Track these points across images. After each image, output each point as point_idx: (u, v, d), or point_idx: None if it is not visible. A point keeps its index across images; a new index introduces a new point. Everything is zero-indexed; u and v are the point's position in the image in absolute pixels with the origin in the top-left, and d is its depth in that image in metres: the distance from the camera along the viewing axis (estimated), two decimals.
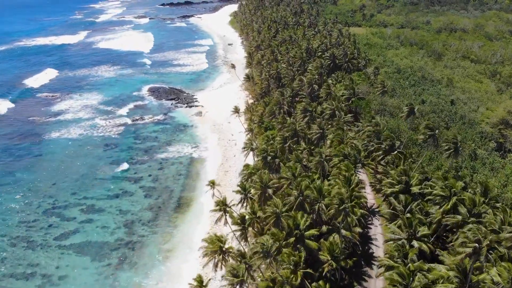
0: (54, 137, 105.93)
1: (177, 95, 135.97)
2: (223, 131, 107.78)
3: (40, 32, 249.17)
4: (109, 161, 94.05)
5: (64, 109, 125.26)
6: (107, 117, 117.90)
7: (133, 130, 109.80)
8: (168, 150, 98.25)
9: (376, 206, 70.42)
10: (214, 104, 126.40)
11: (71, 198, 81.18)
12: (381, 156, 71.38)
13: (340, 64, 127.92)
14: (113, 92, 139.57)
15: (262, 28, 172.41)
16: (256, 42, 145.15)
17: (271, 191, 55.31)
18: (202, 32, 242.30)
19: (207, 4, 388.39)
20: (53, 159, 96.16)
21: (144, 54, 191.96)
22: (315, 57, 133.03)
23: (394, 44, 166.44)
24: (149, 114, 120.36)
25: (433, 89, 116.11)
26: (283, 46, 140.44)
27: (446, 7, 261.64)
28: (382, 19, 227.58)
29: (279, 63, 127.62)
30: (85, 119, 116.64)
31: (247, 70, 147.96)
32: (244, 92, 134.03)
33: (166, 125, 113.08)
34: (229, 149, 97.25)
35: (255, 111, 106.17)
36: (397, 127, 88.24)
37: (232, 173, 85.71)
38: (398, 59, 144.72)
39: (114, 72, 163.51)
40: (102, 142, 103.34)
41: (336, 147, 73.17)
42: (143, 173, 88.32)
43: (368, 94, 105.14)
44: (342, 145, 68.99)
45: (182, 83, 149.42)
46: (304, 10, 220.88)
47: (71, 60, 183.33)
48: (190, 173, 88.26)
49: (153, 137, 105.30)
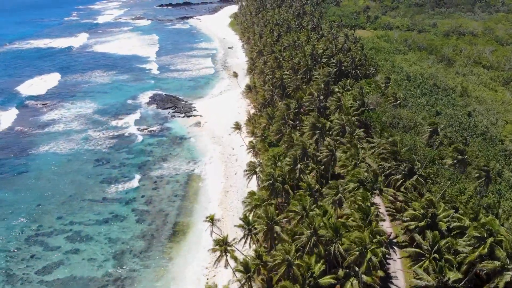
0: (42, 152, 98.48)
1: (174, 104, 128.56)
2: (223, 144, 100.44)
3: (34, 34, 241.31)
4: (99, 179, 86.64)
5: (54, 119, 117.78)
6: (99, 129, 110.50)
7: (126, 143, 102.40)
8: (164, 166, 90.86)
9: (393, 235, 63.15)
10: (214, 114, 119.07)
11: (56, 223, 73.85)
12: (400, 181, 64.17)
13: (347, 71, 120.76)
14: (107, 100, 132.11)
15: (264, 31, 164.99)
16: (258, 47, 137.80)
17: (279, 228, 48.00)
18: (201, 35, 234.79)
19: (206, 5, 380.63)
20: (39, 176, 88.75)
21: (141, 58, 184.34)
22: (320, 63, 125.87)
23: (402, 49, 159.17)
24: (144, 124, 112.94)
25: (447, 99, 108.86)
26: (286, 52, 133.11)
27: (452, 9, 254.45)
28: (387, 21, 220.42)
29: (283, 70, 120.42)
30: (76, 131, 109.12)
31: (249, 77, 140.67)
32: (245, 100, 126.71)
33: (162, 137, 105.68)
34: (229, 165, 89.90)
35: (257, 123, 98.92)
36: (413, 144, 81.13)
37: (233, 194, 78.41)
38: (407, 65, 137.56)
39: (109, 77, 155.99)
40: (93, 157, 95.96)
41: (350, 170, 65.95)
42: (136, 194, 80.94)
43: (379, 105, 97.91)
44: (357, 169, 61.66)
45: (179, 90, 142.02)
46: (307, 12, 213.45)
47: (65, 64, 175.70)
48: (187, 193, 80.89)
49: (148, 151, 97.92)
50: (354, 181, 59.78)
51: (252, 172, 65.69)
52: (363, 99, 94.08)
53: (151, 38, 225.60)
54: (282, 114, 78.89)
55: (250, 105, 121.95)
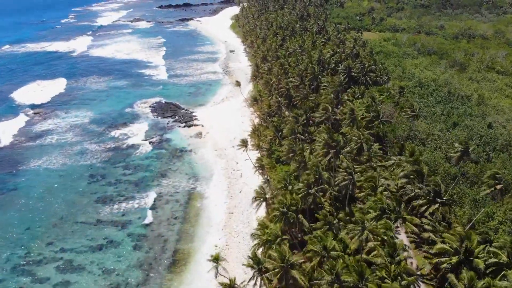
0: (33, 167, 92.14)
1: (174, 112, 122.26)
2: (226, 157, 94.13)
3: (30, 37, 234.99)
4: (93, 198, 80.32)
5: (48, 130, 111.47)
6: (95, 140, 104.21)
7: (123, 156, 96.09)
8: (162, 183, 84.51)
9: (416, 265, 56.83)
10: (216, 123, 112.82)
11: (46, 250, 67.59)
12: (425, 207, 57.90)
13: (357, 78, 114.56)
14: (104, 108, 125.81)
15: (267, 35, 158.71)
16: (262, 52, 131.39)
17: (295, 272, 41.66)
18: (202, 38, 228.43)
19: (206, 6, 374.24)
20: (29, 195, 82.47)
21: (139, 63, 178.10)
22: (328, 69, 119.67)
23: (411, 53, 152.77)
24: (142, 135, 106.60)
25: (463, 108, 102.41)
26: (292, 57, 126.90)
27: (458, 10, 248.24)
28: (393, 23, 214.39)
29: (289, 77, 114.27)
30: (70, 144, 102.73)
31: (252, 84, 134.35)
32: (248, 108, 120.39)
33: (161, 149, 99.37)
34: (234, 182, 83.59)
35: (263, 135, 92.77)
36: (433, 160, 74.92)
37: (238, 216, 72.11)
38: (418, 70, 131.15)
39: (106, 84, 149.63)
40: (87, 172, 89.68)
41: (368, 193, 59.72)
42: (132, 215, 74.65)
43: (394, 116, 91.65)
44: (378, 195, 55.39)
45: (180, 97, 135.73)
46: (311, 14, 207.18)
47: (60, 69, 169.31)
48: (187, 215, 74.58)
49: (146, 166, 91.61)
50: (375, 209, 53.57)
51: (261, 199, 59.28)
52: (378, 110, 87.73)
53: (151, 41, 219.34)
54: (292, 128, 72.51)
55: (254, 113, 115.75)
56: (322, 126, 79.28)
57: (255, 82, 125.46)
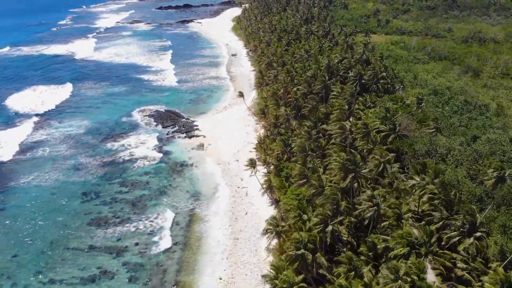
0: (23, 184, 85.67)
1: (174, 121, 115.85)
2: (230, 173, 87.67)
3: (25, 40, 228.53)
4: (86, 220, 73.89)
5: (40, 141, 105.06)
6: (90, 153, 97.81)
7: (119, 171, 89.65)
8: (161, 202, 78.05)
9: None
10: (218, 134, 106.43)
11: (34, 281, 61.26)
12: (457, 238, 51.47)
13: (368, 86, 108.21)
14: (100, 117, 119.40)
15: (271, 39, 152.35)
16: (267, 58, 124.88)
17: None
18: (202, 40, 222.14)
19: (207, 7, 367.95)
20: (17, 215, 76.08)
21: (138, 67, 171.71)
22: (337, 76, 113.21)
23: (422, 57, 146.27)
24: (140, 147, 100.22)
25: (482, 119, 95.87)
26: (298, 63, 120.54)
27: (466, 12, 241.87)
28: (399, 26, 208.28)
29: (296, 85, 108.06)
30: (64, 157, 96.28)
31: (256, 92, 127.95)
32: (252, 117, 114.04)
33: (161, 163, 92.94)
34: (238, 201, 77.15)
35: (269, 148, 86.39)
36: (456, 180, 68.51)
37: (244, 242, 65.68)
38: (430, 76, 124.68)
39: (103, 90, 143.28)
40: (81, 189, 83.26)
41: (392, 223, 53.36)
42: (129, 241, 68.19)
43: (410, 129, 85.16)
44: (405, 228, 48.95)
45: (180, 104, 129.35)
46: (315, 16, 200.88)
47: (56, 74, 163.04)
48: (188, 240, 68.08)
49: (144, 183, 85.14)
50: (403, 244, 47.17)
51: (274, 233, 52.82)
52: (394, 122, 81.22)
53: (150, 44, 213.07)
54: (302, 145, 66.07)
55: (258, 123, 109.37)
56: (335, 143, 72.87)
57: (260, 89, 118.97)
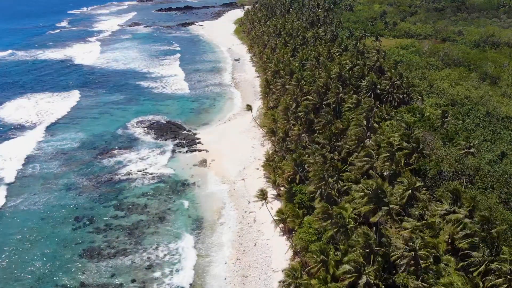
0: (9, 208, 78.00)
1: (175, 133, 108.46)
2: (236, 194, 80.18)
3: (20, 43, 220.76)
4: (78, 250, 66.42)
5: (31, 156, 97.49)
6: (84, 171, 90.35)
7: (115, 192, 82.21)
8: (160, 231, 70.46)
9: None
10: (223, 148, 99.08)
11: None
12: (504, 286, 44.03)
13: (383, 96, 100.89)
14: (95, 129, 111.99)
15: (277, 44, 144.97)
16: (274, 65, 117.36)
17: None
18: (204, 44, 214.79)
19: (208, 9, 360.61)
20: (2, 245, 68.53)
21: (137, 73, 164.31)
22: (349, 85, 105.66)
23: (436, 63, 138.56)
24: (138, 164, 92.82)
25: (508, 133, 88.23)
26: (307, 71, 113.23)
27: (475, 14, 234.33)
28: (407, 28, 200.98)
29: (305, 93, 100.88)
30: (55, 175, 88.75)
31: (261, 101, 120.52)
32: (259, 129, 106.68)
33: (160, 182, 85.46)
34: (246, 229, 69.64)
35: (278, 167, 78.89)
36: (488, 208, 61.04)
37: (254, 282, 58.13)
38: (447, 84, 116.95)
39: (99, 98, 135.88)
40: (73, 214, 75.81)
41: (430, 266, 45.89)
42: (124, 277, 60.64)
43: (434, 147, 77.64)
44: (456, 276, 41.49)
45: (181, 114, 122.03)
46: (321, 19, 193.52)
47: (49, 80, 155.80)
48: (191, 277, 60.54)
49: (141, 206, 77.60)
50: None
51: (293, 285, 45.28)
52: (418, 139, 73.56)
53: (149, 48, 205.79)
54: (320, 174, 58.59)
55: (265, 135, 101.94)
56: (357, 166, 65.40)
57: (266, 99, 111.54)
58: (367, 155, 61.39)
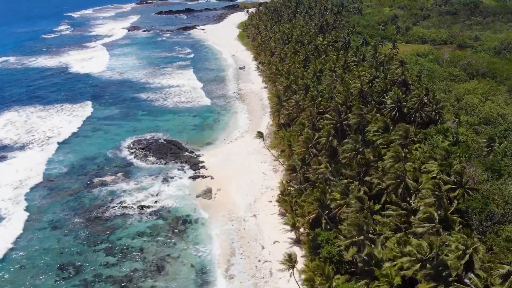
0: None
1: (175, 155, 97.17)
2: (246, 235, 68.72)
3: (12, 50, 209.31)
4: None
5: (10, 184, 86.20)
6: (72, 204, 78.75)
7: (106, 231, 70.81)
8: (158, 284, 59.17)
9: None
10: (229, 174, 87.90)
11: None
12: None
13: (409, 114, 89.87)
14: (87, 149, 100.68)
15: (286, 52, 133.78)
16: (286, 80, 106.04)
17: None
18: (206, 50, 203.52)
19: (210, 12, 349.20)
20: None
21: (134, 84, 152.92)
22: (371, 102, 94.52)
23: (459, 74, 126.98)
24: (134, 194, 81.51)
25: None
26: (322, 85, 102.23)
27: (490, 18, 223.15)
28: (421, 33, 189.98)
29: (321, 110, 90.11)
30: (39, 209, 77.04)
31: (271, 117, 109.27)
32: (269, 150, 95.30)
33: (158, 218, 74.10)
34: (261, 284, 58.24)
35: (296, 205, 67.56)
36: None
37: None
38: (476, 99, 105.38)
39: (93, 112, 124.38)
40: (57, 260, 64.42)
41: None
42: None
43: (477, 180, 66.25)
44: None
45: (182, 132, 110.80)
46: (330, 23, 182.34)
47: (39, 92, 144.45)
48: None
49: (136, 249, 66.27)
50: None
51: None
52: (460, 172, 62.18)
53: (148, 55, 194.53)
54: (359, 225, 47.25)
55: (277, 159, 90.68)
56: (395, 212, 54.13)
57: (278, 117, 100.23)
58: (429, 218, 49.80)
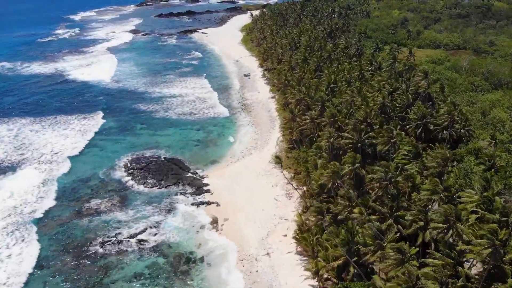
0: None
1: (177, 177, 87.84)
2: (260, 282, 59.09)
3: (4, 55, 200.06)
4: None
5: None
6: (60, 237, 69.54)
7: (100, 272, 61.48)
8: None
9: None
10: (237, 200, 78.73)
11: None
12: None
13: (436, 132, 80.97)
14: (79, 170, 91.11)
15: (297, 61, 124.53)
16: (299, 93, 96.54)
17: None
18: (209, 55, 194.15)
19: (211, 14, 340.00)
20: None
21: (132, 94, 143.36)
22: (393, 118, 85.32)
23: (480, 83, 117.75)
24: (131, 225, 72.18)
25: None
26: (337, 98, 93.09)
27: (503, 21, 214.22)
28: (433, 37, 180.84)
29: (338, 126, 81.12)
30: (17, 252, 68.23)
31: (281, 135, 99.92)
32: (280, 170, 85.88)
33: (158, 256, 64.83)
34: None
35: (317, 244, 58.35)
36: None
37: None
38: (502, 112, 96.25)
39: (88, 125, 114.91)
40: None
41: None
42: None
43: None
44: None
45: (184, 148, 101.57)
46: (339, 28, 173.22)
47: (32, 101, 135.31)
48: None
49: None
50: None
51: None
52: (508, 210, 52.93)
53: (148, 61, 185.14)
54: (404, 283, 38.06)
55: (291, 180, 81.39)
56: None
57: (290, 135, 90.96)
58: None
